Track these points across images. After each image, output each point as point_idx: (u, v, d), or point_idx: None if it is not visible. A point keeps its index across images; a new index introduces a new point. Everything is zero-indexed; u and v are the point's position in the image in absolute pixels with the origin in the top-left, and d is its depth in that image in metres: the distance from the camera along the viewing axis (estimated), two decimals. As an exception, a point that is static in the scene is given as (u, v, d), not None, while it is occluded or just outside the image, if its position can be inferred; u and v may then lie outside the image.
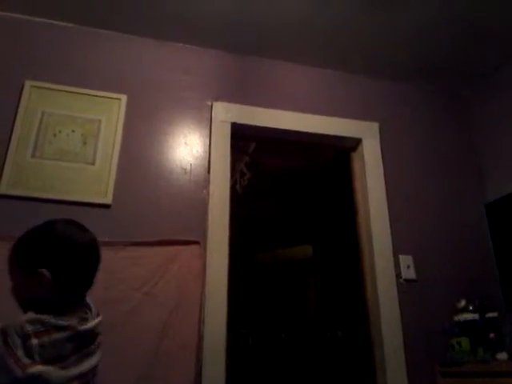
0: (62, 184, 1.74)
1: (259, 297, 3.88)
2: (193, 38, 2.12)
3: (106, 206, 1.75)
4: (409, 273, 2.02)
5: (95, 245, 1.05)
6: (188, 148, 1.97)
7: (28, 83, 1.84)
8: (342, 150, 2.34)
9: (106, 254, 1.64)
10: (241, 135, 2.15)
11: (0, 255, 1.53)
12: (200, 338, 1.66)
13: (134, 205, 1.80)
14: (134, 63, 2.05)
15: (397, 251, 2.04)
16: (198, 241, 1.79)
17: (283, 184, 3.54)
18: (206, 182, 1.92)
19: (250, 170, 3.10)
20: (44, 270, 0.91)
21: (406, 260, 2.03)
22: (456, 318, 1.85)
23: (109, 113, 1.89)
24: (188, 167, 1.93)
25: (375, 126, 2.27)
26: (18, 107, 1.79)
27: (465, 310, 1.84)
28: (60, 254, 0.96)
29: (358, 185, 2.22)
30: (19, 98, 1.81)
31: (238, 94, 2.14)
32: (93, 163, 1.80)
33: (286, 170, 3.33)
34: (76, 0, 1.91)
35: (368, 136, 2.23)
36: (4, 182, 1.67)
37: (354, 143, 2.25)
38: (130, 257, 1.68)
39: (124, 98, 1.93)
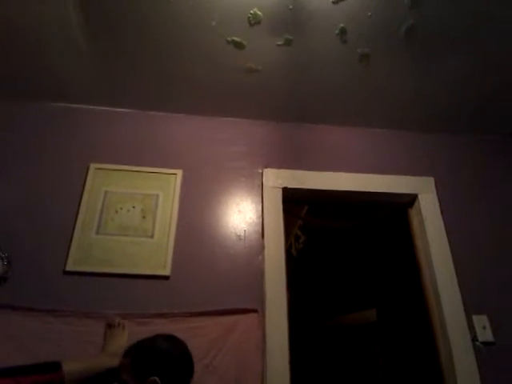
0: (124, 258, 1.80)
1: (324, 365, 3.68)
2: (240, 111, 2.24)
3: (165, 278, 1.79)
4: (485, 335, 1.84)
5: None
6: (241, 215, 2.01)
7: (92, 166, 1.99)
8: (398, 206, 2.29)
9: (166, 327, 1.67)
10: (293, 199, 2.16)
11: (71, 330, 1.61)
12: (263, 413, 1.59)
13: (191, 275, 1.82)
14: (187, 139, 2.17)
15: (469, 311, 1.89)
16: (256, 309, 1.76)
17: (340, 245, 3.47)
18: (261, 248, 1.92)
19: (304, 232, 3.09)
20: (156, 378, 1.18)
21: (480, 320, 1.87)
22: (547, 386, 1.65)
23: (166, 187, 1.99)
24: (242, 234, 1.96)
25: (430, 180, 2.21)
26: (83, 188, 1.93)
27: (556, 376, 1.64)
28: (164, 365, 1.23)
29: (418, 242, 2.13)
30: (85, 180, 1.95)
31: (288, 159, 2.19)
32: (152, 236, 1.87)
33: (342, 231, 3.27)
34: (130, 90, 2.11)
35: (424, 191, 2.18)
36: (71, 259, 1.76)
37: (410, 199, 2.20)
38: (190, 328, 1.67)
39: (179, 172, 2.04)
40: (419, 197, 2.16)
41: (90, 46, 1.86)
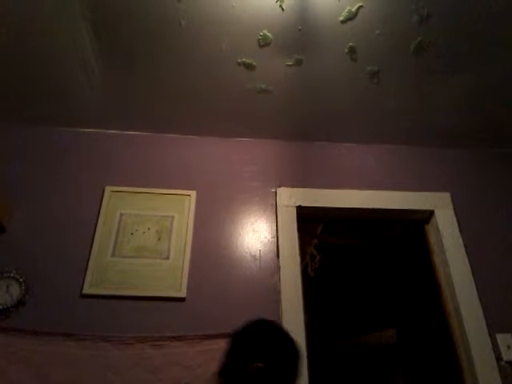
0: (140, 280, 1.80)
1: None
2: (252, 131, 2.26)
3: (181, 300, 1.78)
4: (510, 354, 1.79)
5: None
6: (256, 235, 2.00)
7: (108, 189, 2.02)
8: (415, 223, 2.26)
9: (182, 350, 1.66)
10: (307, 218, 2.15)
11: (88, 355, 1.60)
12: None
13: (207, 296, 1.81)
14: (200, 161, 2.19)
15: (493, 330, 1.83)
16: (273, 330, 1.74)
17: (357, 263, 3.42)
18: (277, 268, 1.91)
19: (320, 251, 3.05)
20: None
21: (504, 339, 1.82)
22: None
23: (180, 208, 2.00)
24: (257, 254, 1.95)
25: (446, 195, 2.18)
26: (99, 211, 1.95)
27: None
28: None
29: (436, 258, 2.09)
30: (100, 203, 1.98)
31: (301, 178, 2.19)
32: (167, 258, 1.87)
33: (359, 248, 3.23)
34: (143, 113, 2.14)
35: (440, 207, 2.14)
36: (87, 282, 1.77)
37: (426, 215, 2.17)
38: (206, 351, 1.65)
39: (193, 193, 2.05)
40: (436, 213, 2.13)
41: (103, 72, 1.90)
